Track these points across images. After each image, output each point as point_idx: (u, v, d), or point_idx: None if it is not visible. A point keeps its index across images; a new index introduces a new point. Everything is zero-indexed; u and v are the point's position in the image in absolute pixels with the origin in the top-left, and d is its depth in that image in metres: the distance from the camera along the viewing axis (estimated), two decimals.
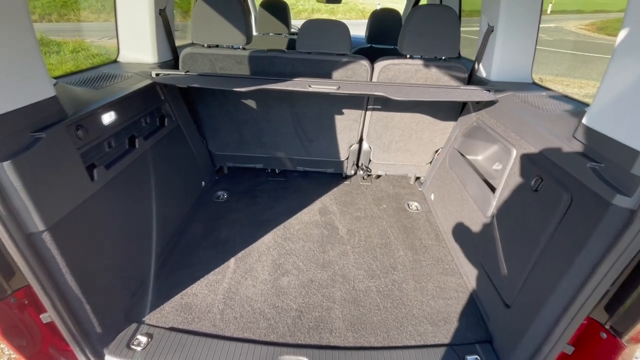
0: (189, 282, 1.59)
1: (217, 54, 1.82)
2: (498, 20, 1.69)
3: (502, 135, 1.52)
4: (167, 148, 1.78)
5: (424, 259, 1.82)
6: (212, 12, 1.75)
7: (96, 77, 1.49)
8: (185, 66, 1.85)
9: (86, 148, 1.16)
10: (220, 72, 1.88)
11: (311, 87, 1.55)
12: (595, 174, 0.94)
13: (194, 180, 2.20)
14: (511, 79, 1.81)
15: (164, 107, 1.77)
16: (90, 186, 1.17)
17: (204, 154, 2.27)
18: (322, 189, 2.45)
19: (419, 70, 1.83)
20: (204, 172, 2.30)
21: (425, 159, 2.34)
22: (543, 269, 1.13)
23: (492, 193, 1.51)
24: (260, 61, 1.83)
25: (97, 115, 1.22)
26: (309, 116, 2.09)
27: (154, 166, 1.64)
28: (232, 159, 2.43)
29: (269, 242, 1.89)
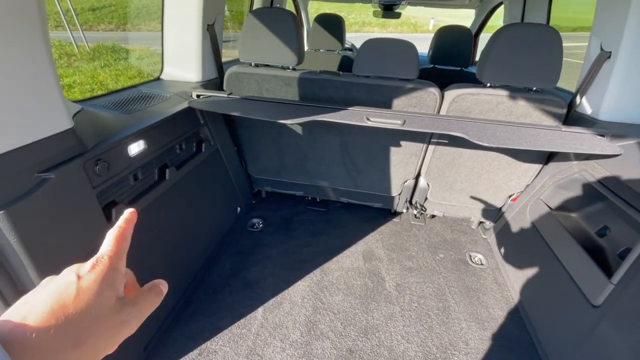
0: (210, 333, 1.38)
1: (264, 74, 1.64)
2: (620, 44, 1.30)
3: (627, 200, 1.13)
4: (202, 175, 1.62)
5: (494, 338, 1.44)
6: (262, 29, 1.57)
7: (131, 98, 1.37)
8: (229, 86, 1.69)
9: (106, 185, 1.00)
10: (266, 93, 1.69)
11: (369, 120, 1.29)
12: None
13: (229, 207, 2.03)
14: (629, 119, 1.39)
15: (203, 131, 1.62)
16: (106, 227, 1.01)
17: (242, 178, 2.10)
18: (367, 225, 2.16)
19: (501, 102, 1.49)
20: (240, 197, 2.13)
21: (495, 204, 1.95)
22: None
23: (605, 276, 1.12)
24: (311, 84, 1.62)
25: (123, 146, 1.06)
26: (360, 146, 1.83)
27: (186, 197, 1.47)
28: (271, 184, 2.23)
29: (303, 290, 1.63)
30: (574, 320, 1.22)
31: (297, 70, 1.66)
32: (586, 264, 1.22)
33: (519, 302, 1.60)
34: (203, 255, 1.70)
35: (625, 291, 1.03)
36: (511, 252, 1.79)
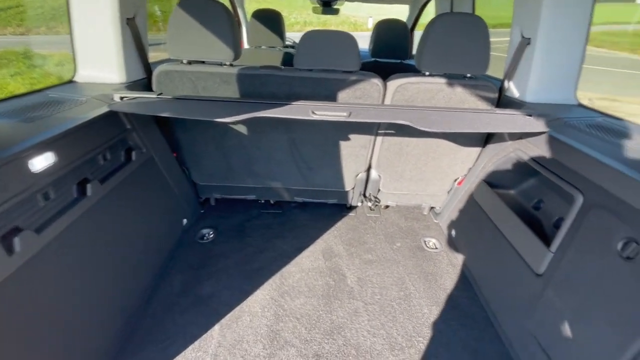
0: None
1: (199, 72, 1.51)
2: (537, 31, 1.41)
3: (557, 173, 1.22)
4: (135, 187, 1.44)
5: (454, 317, 1.49)
6: (192, 22, 1.44)
7: (36, 104, 1.16)
8: (160, 86, 1.53)
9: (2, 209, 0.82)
10: (203, 92, 1.56)
11: (315, 114, 1.24)
12: None
13: (173, 220, 1.85)
14: (551, 100, 1.52)
15: (131, 137, 1.44)
16: (8, 262, 0.83)
17: (185, 187, 1.93)
18: (324, 223, 2.12)
19: (441, 90, 1.54)
20: (186, 207, 1.96)
21: (442, 189, 2.03)
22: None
23: (545, 246, 1.20)
24: (251, 80, 1.52)
25: (22, 160, 0.88)
26: (309, 142, 1.77)
27: (116, 215, 1.29)
28: (219, 190, 2.09)
29: (263, 299, 1.54)
30: (522, 291, 1.29)
31: (236, 67, 1.56)
32: (527, 236, 1.30)
33: (473, 280, 1.67)
34: (146, 277, 1.52)
35: (563, 258, 1.10)
36: (461, 233, 1.87)
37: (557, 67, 1.46)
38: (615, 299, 0.91)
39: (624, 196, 0.90)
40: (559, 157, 1.20)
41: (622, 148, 1.03)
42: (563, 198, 1.30)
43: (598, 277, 0.97)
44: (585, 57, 1.45)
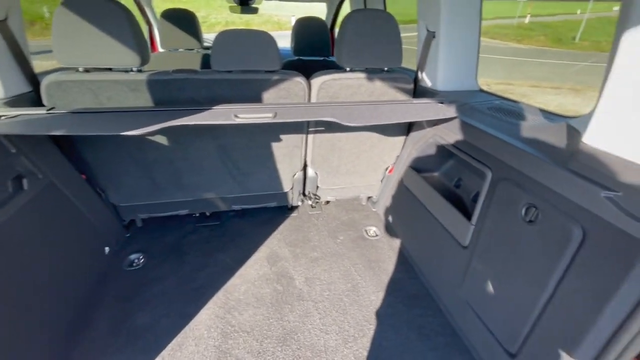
0: None
1: (100, 81, 1.33)
2: (439, 25, 1.54)
3: (469, 154, 1.35)
4: (33, 220, 1.23)
5: (399, 299, 1.57)
6: (82, 24, 1.26)
7: None
8: (51, 100, 1.31)
9: None
10: (108, 103, 1.38)
11: (238, 117, 1.18)
12: (615, 205, 0.76)
13: (91, 250, 1.62)
14: (458, 87, 1.68)
15: (19, 163, 1.21)
16: None
17: (102, 211, 1.70)
18: (266, 227, 2.07)
19: (362, 84, 1.59)
20: (106, 234, 1.73)
21: (376, 178, 2.13)
22: (557, 317, 0.94)
23: (467, 221, 1.32)
24: (164, 86, 1.39)
25: None
26: (239, 147, 1.70)
27: (10, 256, 1.08)
28: (145, 209, 1.89)
29: (208, 319, 1.44)
30: (453, 264, 1.41)
31: (145, 72, 1.41)
32: (452, 212, 1.42)
33: (412, 261, 1.78)
34: (65, 320, 1.31)
35: (482, 229, 1.23)
36: (397, 218, 1.98)
37: (459, 58, 1.62)
38: (525, 258, 1.04)
39: (522, 169, 1.04)
40: (469, 138, 1.33)
41: (517, 127, 1.18)
42: (477, 175, 1.45)
43: (509, 241, 1.10)
44: (480, 48, 1.63)
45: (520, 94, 8.27)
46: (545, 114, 1.23)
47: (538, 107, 1.30)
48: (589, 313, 0.84)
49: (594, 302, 0.82)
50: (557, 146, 0.96)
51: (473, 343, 1.31)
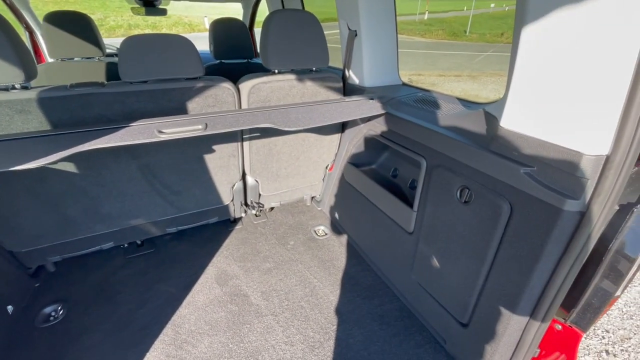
0: None
1: None
2: (360, 23, 1.59)
3: (402, 144, 1.42)
4: None
5: (357, 294, 1.60)
6: None
7: None
8: None
9: None
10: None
11: (163, 133, 1.05)
12: (533, 179, 0.87)
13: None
14: (383, 82, 1.76)
15: None
16: None
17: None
18: (210, 246, 1.92)
19: (293, 86, 1.56)
20: (5, 288, 1.41)
21: (317, 177, 2.13)
22: (497, 283, 1.04)
23: (410, 208, 1.40)
24: (63, 104, 1.17)
25: None
26: (166, 165, 1.53)
27: None
28: (56, 251, 1.59)
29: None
30: (402, 250, 1.49)
31: (34, 89, 1.17)
32: (394, 202, 1.49)
33: (363, 253, 1.83)
34: None
35: (424, 214, 1.31)
36: (342, 214, 2.02)
37: (381, 54, 1.70)
38: (464, 235, 1.13)
39: (452, 154, 1.12)
40: (401, 130, 1.41)
41: (442, 116, 1.28)
42: (412, 163, 1.55)
43: (449, 222, 1.19)
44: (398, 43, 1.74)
45: (430, 83, 9.17)
46: (463, 102, 1.36)
47: (455, 97, 1.44)
48: (522, 275, 0.95)
49: (525, 266, 0.93)
50: (478, 131, 1.06)
51: (429, 321, 1.40)
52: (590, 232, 0.79)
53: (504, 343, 1.06)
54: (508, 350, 1.07)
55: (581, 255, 0.83)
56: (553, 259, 0.88)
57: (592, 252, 0.84)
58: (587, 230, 0.79)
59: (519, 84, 0.89)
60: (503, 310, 1.03)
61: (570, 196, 0.80)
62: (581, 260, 0.84)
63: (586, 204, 0.79)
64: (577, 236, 0.82)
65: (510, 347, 1.06)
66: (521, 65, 0.87)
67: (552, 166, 0.84)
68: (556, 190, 0.82)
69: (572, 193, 0.80)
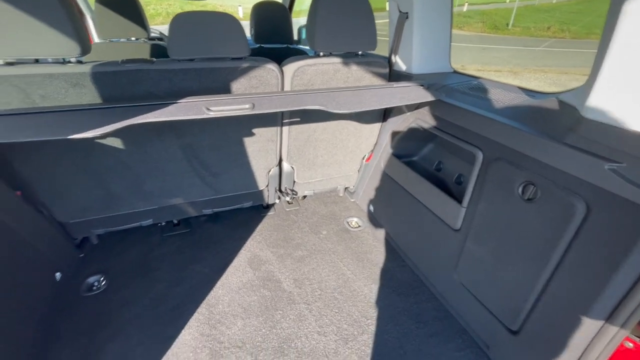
0: None
1: (31, 75, 1.09)
2: (412, 5, 1.49)
3: (455, 135, 1.33)
4: None
5: (392, 289, 1.54)
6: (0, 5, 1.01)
7: None
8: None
9: None
10: (43, 103, 1.14)
11: (211, 111, 1.03)
12: (620, 176, 0.76)
13: (37, 278, 1.37)
14: (432, 70, 1.66)
15: None
16: None
17: (46, 231, 1.45)
18: (243, 230, 1.92)
19: (337, 70, 1.50)
20: (54, 257, 1.48)
21: (353, 168, 2.07)
22: (561, 290, 0.95)
23: (458, 203, 1.31)
24: (114, 80, 1.18)
25: None
26: (207, 145, 1.53)
27: None
28: (101, 224, 1.65)
29: (192, 339, 1.28)
30: (444, 247, 1.40)
31: (87, 63, 1.19)
32: (440, 196, 1.40)
33: (399, 249, 1.76)
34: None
35: (475, 210, 1.22)
36: (378, 206, 1.95)
37: (433, 39, 1.59)
38: (523, 236, 1.04)
39: (516, 146, 1.02)
40: (455, 120, 1.31)
41: (502, 105, 1.17)
42: (460, 156, 1.45)
43: (506, 221, 1.09)
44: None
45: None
46: (527, 92, 1.24)
47: (517, 86, 1.32)
48: (594, 285, 0.85)
49: (600, 273, 0.83)
50: (552, 121, 0.95)
51: (471, 324, 1.32)
52: None
53: (561, 355, 0.97)
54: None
55: None
56: (638, 270, 0.77)
57: None
58: None
59: (610, 70, 0.78)
60: (565, 320, 0.94)
61: None
62: None
63: None
64: None
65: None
66: (617, 49, 0.76)
67: None
68: None
69: None
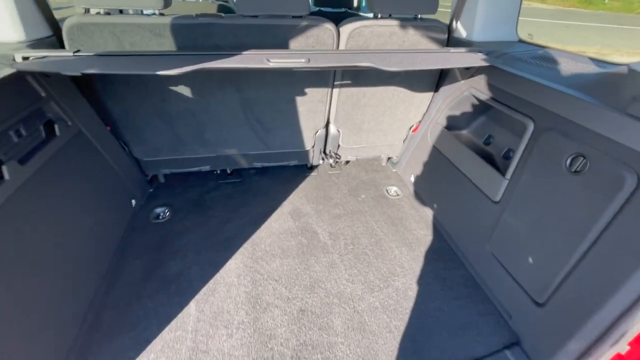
0: (136, 350, 1.15)
1: (123, 24, 1.27)
2: None
3: (509, 105, 1.29)
4: (68, 166, 1.23)
5: (421, 253, 1.59)
6: None
7: None
8: (74, 44, 1.27)
9: None
10: (131, 49, 1.33)
11: (271, 62, 1.13)
12: None
13: (119, 202, 1.65)
14: (495, 38, 1.58)
15: (49, 108, 1.20)
16: None
17: (127, 164, 1.71)
18: (287, 186, 2.07)
19: (394, 33, 1.50)
20: (132, 187, 1.76)
21: (399, 138, 2.08)
22: (595, 265, 0.94)
23: (501, 175, 1.29)
24: (189, 31, 1.33)
25: None
26: (263, 101, 1.65)
27: (48, 200, 1.10)
28: (167, 165, 1.90)
29: (237, 267, 1.48)
30: (481, 219, 1.41)
31: (168, 16, 1.34)
32: (483, 168, 1.39)
33: (434, 218, 1.79)
34: (99, 267, 1.36)
35: (518, 182, 1.21)
36: (419, 177, 1.96)
37: (500, 4, 1.50)
38: (564, 208, 1.02)
39: (571, 116, 0.99)
40: (510, 88, 1.27)
41: (565, 73, 1.11)
42: (511, 130, 1.40)
43: (548, 194, 1.08)
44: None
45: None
46: (598, 62, 1.15)
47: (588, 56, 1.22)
48: (631, 261, 0.84)
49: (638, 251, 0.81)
50: (616, 91, 0.90)
51: (496, 294, 1.34)
52: None
53: (585, 330, 0.97)
54: (587, 339, 0.98)
55: None
56: None
57: None
58: None
59: None
60: (594, 295, 0.94)
61: None
62: None
63: None
64: None
65: (592, 337, 0.97)
66: None
67: None
68: None
69: None
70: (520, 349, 1.19)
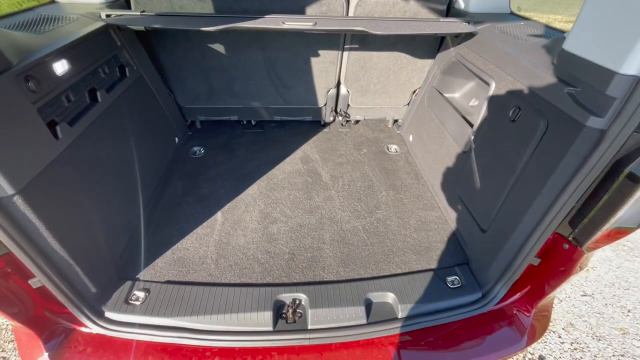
0: (178, 237, 1.59)
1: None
2: None
3: (481, 68, 1.52)
4: (134, 101, 1.65)
5: (405, 197, 1.90)
6: None
7: (35, 19, 1.29)
8: (138, 6, 1.64)
9: (42, 102, 1.04)
10: (179, 11, 1.68)
11: (285, 24, 1.44)
12: (572, 98, 0.97)
13: (167, 136, 2.08)
14: (490, 9, 1.76)
15: (122, 55, 1.60)
16: (55, 145, 1.08)
17: (173, 108, 2.13)
18: (301, 137, 2.42)
19: (396, 3, 1.73)
20: (175, 127, 2.18)
21: (403, 101, 2.33)
22: (517, 193, 1.21)
23: (470, 128, 1.55)
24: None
25: (48, 63, 1.07)
26: (283, 60, 1.97)
27: (123, 121, 1.52)
28: (203, 112, 2.30)
29: (254, 193, 1.88)
30: (453, 166, 1.69)
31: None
32: (459, 122, 1.65)
33: (422, 171, 2.07)
34: (153, 180, 1.81)
35: (479, 132, 1.47)
36: (416, 137, 2.23)
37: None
38: (503, 152, 1.29)
39: (516, 76, 1.23)
40: (481, 53, 1.50)
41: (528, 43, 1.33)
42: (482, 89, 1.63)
43: (495, 140, 1.34)
44: None
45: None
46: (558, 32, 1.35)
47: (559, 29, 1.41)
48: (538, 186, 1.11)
49: (543, 177, 1.08)
50: (544, 56, 1.13)
51: (459, 228, 1.64)
52: (606, 149, 0.90)
53: (508, 248, 1.26)
54: (509, 255, 1.26)
55: (592, 173, 0.95)
56: (566, 175, 1.01)
57: (605, 175, 0.95)
58: (603, 147, 0.90)
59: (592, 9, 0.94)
60: (515, 217, 1.22)
61: (596, 114, 0.90)
62: (591, 178, 0.96)
63: (608, 123, 0.89)
64: (594, 152, 0.93)
65: (511, 253, 1.25)
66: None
67: (592, 87, 0.93)
68: (584, 106, 0.93)
69: (598, 111, 0.90)
70: (468, 267, 1.51)
